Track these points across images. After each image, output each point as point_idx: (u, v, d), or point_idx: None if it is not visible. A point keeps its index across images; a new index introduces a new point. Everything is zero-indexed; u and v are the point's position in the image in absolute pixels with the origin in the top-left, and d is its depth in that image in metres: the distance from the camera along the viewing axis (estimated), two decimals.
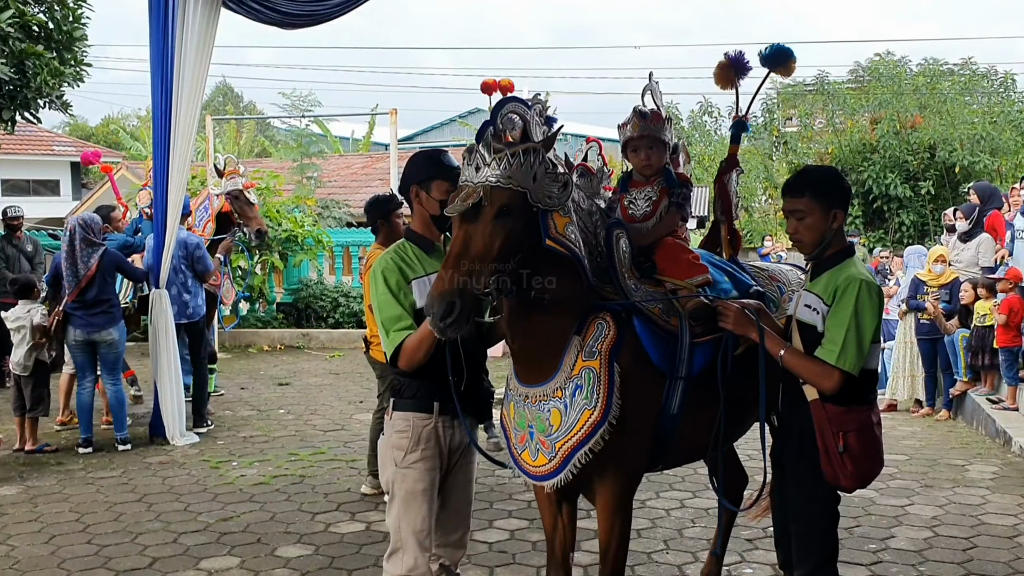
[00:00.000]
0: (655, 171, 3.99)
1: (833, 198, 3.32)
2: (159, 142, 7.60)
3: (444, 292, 3.07)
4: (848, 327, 3.16)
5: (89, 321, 7.58)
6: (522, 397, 3.51)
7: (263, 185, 13.73)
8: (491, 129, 3.27)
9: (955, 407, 9.41)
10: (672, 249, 3.86)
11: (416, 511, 3.53)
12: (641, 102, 4.08)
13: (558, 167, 3.29)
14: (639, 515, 5.94)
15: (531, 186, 3.18)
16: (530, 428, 3.48)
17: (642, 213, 3.97)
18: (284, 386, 10.71)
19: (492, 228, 3.14)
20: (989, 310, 8.78)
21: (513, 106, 3.38)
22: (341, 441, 8.02)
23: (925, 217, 20.96)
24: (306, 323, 14.42)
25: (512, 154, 3.17)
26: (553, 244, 3.24)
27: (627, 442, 3.43)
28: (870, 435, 3.27)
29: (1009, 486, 6.71)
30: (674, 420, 3.56)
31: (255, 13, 7.59)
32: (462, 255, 3.13)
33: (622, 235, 3.64)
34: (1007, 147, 20.69)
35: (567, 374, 3.39)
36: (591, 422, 3.33)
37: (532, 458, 3.48)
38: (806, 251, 3.41)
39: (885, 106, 21.99)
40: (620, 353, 3.43)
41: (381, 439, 3.77)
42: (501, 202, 3.15)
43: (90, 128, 43.39)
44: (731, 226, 4.33)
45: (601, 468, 3.42)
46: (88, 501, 6.35)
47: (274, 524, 5.86)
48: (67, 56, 9.48)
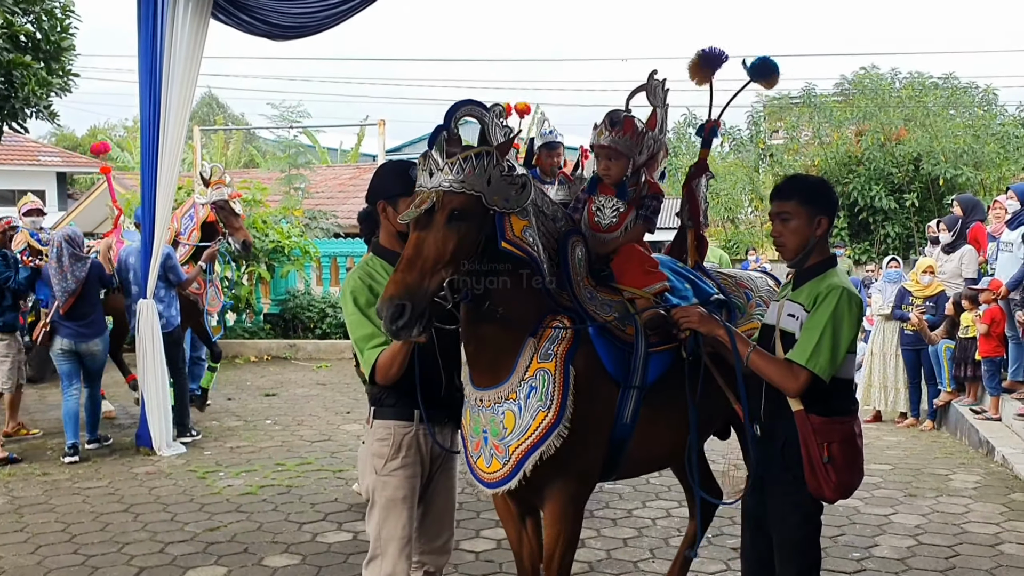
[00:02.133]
0: (614, 181, 3.95)
1: (819, 204, 3.34)
2: (147, 152, 7.60)
3: (393, 295, 3.06)
4: (823, 331, 3.18)
5: (77, 331, 7.85)
6: (476, 401, 3.48)
7: (249, 196, 13.73)
8: (444, 133, 3.25)
9: (939, 417, 9.48)
10: (630, 256, 3.83)
11: (396, 518, 3.54)
12: (626, 105, 4.03)
13: (516, 169, 3.27)
14: (625, 524, 5.99)
15: (485, 189, 3.16)
16: (484, 433, 3.44)
17: (608, 223, 3.93)
18: (271, 397, 10.70)
19: (445, 232, 3.13)
20: (972, 321, 8.86)
21: (468, 109, 3.37)
22: (328, 451, 8.02)
23: (910, 229, 21.12)
24: (293, 334, 14.42)
25: (465, 158, 3.15)
26: (509, 247, 3.23)
27: (580, 448, 3.41)
28: (853, 446, 3.29)
29: (991, 495, 6.77)
30: (627, 429, 3.54)
31: (245, 25, 7.61)
32: (414, 259, 3.12)
33: (578, 243, 3.62)
34: (990, 160, 20.88)
35: (521, 376, 3.37)
36: (545, 424, 3.31)
37: (486, 464, 3.44)
38: (788, 256, 3.43)
39: (870, 119, 22.17)
40: (576, 357, 3.41)
41: (361, 447, 3.78)
42: (453, 206, 3.13)
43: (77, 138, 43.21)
44: (698, 232, 4.30)
45: (552, 473, 3.39)
46: (74, 511, 6.33)
47: (261, 534, 5.86)
48: (54, 66, 9.45)
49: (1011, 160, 21.19)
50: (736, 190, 24.90)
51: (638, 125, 3.95)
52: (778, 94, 25.55)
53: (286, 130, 19.47)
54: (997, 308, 8.49)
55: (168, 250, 8.25)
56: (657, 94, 4.11)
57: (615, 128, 3.88)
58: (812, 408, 3.22)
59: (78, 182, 35.73)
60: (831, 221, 3.38)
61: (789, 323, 3.32)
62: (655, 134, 4.03)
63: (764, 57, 4.14)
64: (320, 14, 7.26)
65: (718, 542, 5.54)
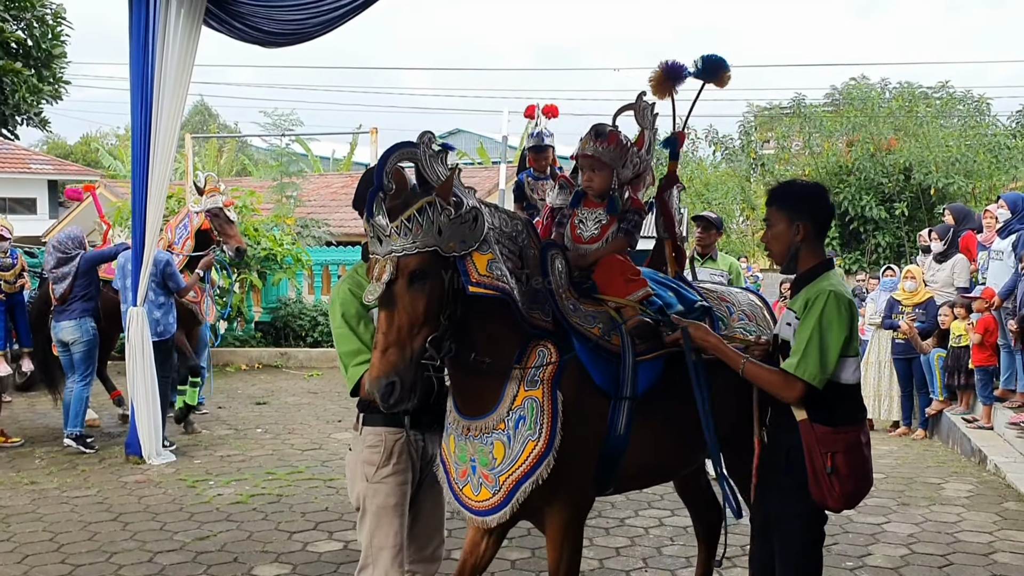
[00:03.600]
0: (597, 193, 3.92)
1: (798, 210, 3.32)
2: (138, 160, 7.55)
3: (379, 377, 3.03)
4: (810, 337, 3.16)
5: (57, 321, 8.35)
6: (463, 430, 3.42)
7: (241, 203, 13.70)
8: (380, 194, 3.14)
9: (931, 426, 9.48)
10: (611, 266, 3.80)
11: (387, 526, 3.51)
12: (612, 121, 4.02)
13: (464, 204, 3.18)
14: (618, 533, 5.96)
15: (438, 241, 3.09)
16: (472, 462, 3.39)
17: (589, 235, 3.91)
18: (262, 405, 10.65)
19: (411, 297, 3.07)
20: (964, 330, 8.87)
21: (399, 155, 3.24)
22: (319, 460, 7.98)
23: (900, 239, 21.18)
24: (284, 342, 14.37)
25: (409, 218, 3.08)
26: (477, 289, 3.15)
27: (573, 469, 3.38)
28: (858, 456, 3.25)
29: (984, 504, 6.76)
30: (621, 441, 3.50)
31: (237, 32, 7.59)
32: (389, 333, 3.07)
33: (557, 255, 3.58)
34: (981, 170, 20.96)
35: (509, 406, 3.33)
36: (536, 453, 3.27)
37: (474, 492, 3.40)
38: (776, 261, 3.45)
39: (860, 129, 22.25)
40: (562, 380, 3.37)
41: (349, 455, 3.74)
42: (411, 269, 3.07)
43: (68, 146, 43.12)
44: (675, 243, 4.28)
45: (548, 497, 3.36)
46: (62, 520, 6.27)
47: (251, 543, 5.82)
48: (45, 73, 9.45)
49: (1002, 170, 21.29)
50: (728, 199, 24.97)
51: (623, 139, 3.93)
52: (769, 104, 25.73)
53: (278, 138, 19.45)
54: (990, 317, 8.50)
55: (167, 257, 8.25)
56: (645, 116, 4.10)
57: (600, 139, 3.86)
58: (816, 417, 3.19)
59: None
60: (815, 227, 3.35)
61: (786, 331, 3.32)
62: (642, 154, 4.00)
63: (710, 55, 4.11)
64: (312, 20, 7.23)
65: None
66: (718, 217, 7.45)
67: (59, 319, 8.32)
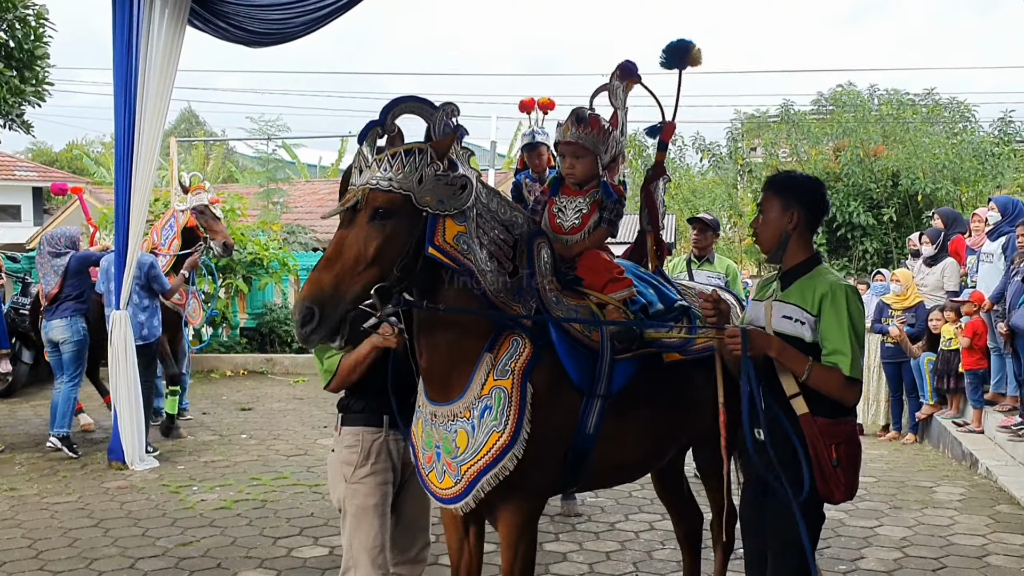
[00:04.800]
0: (579, 180, 3.81)
1: (793, 197, 3.27)
2: (122, 160, 7.46)
3: (304, 298, 2.92)
4: (849, 336, 3.11)
5: (47, 320, 8.30)
6: (430, 415, 3.34)
7: (228, 207, 13.59)
8: (378, 129, 3.10)
9: (921, 430, 9.45)
10: (595, 262, 3.70)
11: (368, 527, 3.45)
12: (589, 104, 3.92)
13: (458, 168, 3.11)
14: (608, 537, 5.90)
15: (415, 188, 3.00)
16: (437, 448, 3.31)
17: (570, 225, 3.80)
18: (247, 411, 10.52)
19: (368, 231, 2.98)
20: (954, 334, 8.84)
21: (410, 105, 3.19)
22: (304, 466, 7.87)
23: (888, 244, 21.19)
24: (270, 348, 14.24)
25: (393, 155, 3.01)
26: (435, 252, 3.05)
27: (535, 466, 3.27)
28: (855, 447, 3.24)
29: (976, 507, 6.71)
30: (591, 439, 3.41)
31: (221, 31, 7.51)
32: (332, 259, 2.97)
33: (543, 244, 3.47)
34: (968, 176, 21.02)
35: (476, 393, 3.23)
36: (499, 445, 3.16)
37: (438, 480, 3.30)
38: (764, 250, 3.37)
39: (848, 135, 22.28)
40: (534, 372, 3.27)
41: (330, 456, 3.68)
42: (377, 204, 2.98)
43: (54, 153, 42.80)
44: (657, 236, 4.19)
45: (506, 492, 3.25)
46: (42, 527, 6.15)
47: (235, 549, 5.71)
48: (28, 75, 9.30)
49: (988, 177, 21.35)
50: (715, 206, 24.96)
51: (604, 123, 3.83)
52: (756, 112, 25.77)
53: (265, 144, 19.35)
54: (980, 320, 8.47)
55: (151, 259, 8.17)
56: (618, 95, 3.99)
57: (581, 124, 3.76)
58: (818, 411, 3.14)
59: (54, 197, 35.38)
60: (808, 217, 3.29)
61: (786, 325, 3.22)
62: (617, 135, 3.91)
63: (669, 43, 4.04)
64: (296, 20, 7.16)
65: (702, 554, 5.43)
66: (714, 219, 7.40)
67: (49, 318, 8.28)
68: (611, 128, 3.86)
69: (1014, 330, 7.54)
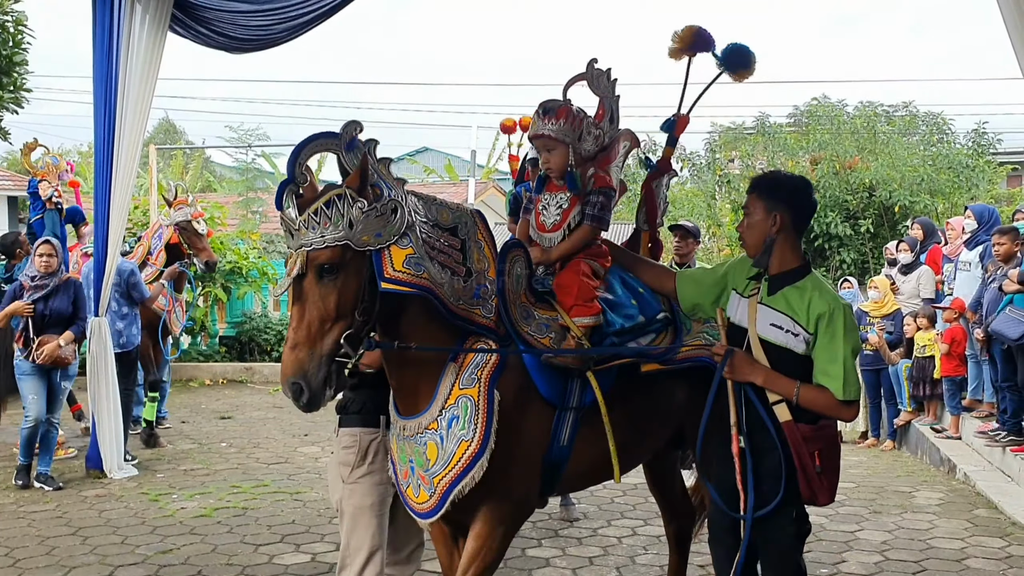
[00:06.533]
0: (558, 174, 3.69)
1: (777, 199, 3.23)
2: (101, 167, 7.40)
3: (287, 376, 2.98)
4: (845, 358, 3.12)
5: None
6: (400, 430, 3.33)
7: (208, 215, 13.53)
8: (292, 186, 3.06)
9: (899, 437, 9.52)
10: (569, 279, 3.56)
11: (365, 527, 3.45)
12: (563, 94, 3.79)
13: (383, 192, 3.07)
14: (591, 543, 5.90)
15: (349, 234, 2.99)
16: (411, 463, 3.29)
17: (552, 222, 3.68)
18: (226, 420, 10.45)
19: (321, 291, 2.99)
20: (929, 341, 8.92)
21: (314, 146, 3.15)
22: (285, 474, 7.82)
23: (865, 255, 21.37)
24: (249, 357, 14.15)
25: (315, 211, 2.99)
26: (390, 286, 3.04)
27: (509, 474, 3.24)
28: (836, 448, 3.25)
29: (955, 511, 6.77)
30: (565, 451, 3.39)
31: (203, 37, 7.47)
32: (298, 330, 3.00)
33: (518, 257, 3.42)
34: (943, 188, 21.26)
35: (442, 404, 3.21)
36: (468, 454, 3.14)
37: (415, 495, 3.30)
38: (750, 253, 3.33)
39: (824, 147, 22.48)
40: (501, 380, 3.25)
41: (330, 458, 3.69)
42: (320, 262, 2.98)
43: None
44: (654, 234, 4.09)
45: (482, 498, 3.22)
46: (19, 535, 6.08)
47: (215, 556, 5.67)
48: (6, 81, 9.26)
49: (963, 189, 21.59)
50: (694, 216, 25.09)
51: (575, 111, 3.68)
52: (732, 124, 25.95)
53: (244, 153, 19.28)
54: (959, 327, 8.55)
55: (132, 266, 8.10)
56: (600, 83, 3.84)
57: (548, 116, 3.64)
58: (800, 417, 3.15)
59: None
60: (793, 219, 3.25)
61: (774, 334, 3.21)
62: (603, 125, 3.77)
63: (737, 44, 3.92)
64: (277, 27, 7.14)
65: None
66: (695, 226, 7.41)
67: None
68: (586, 116, 3.71)
69: (992, 335, 7.61)
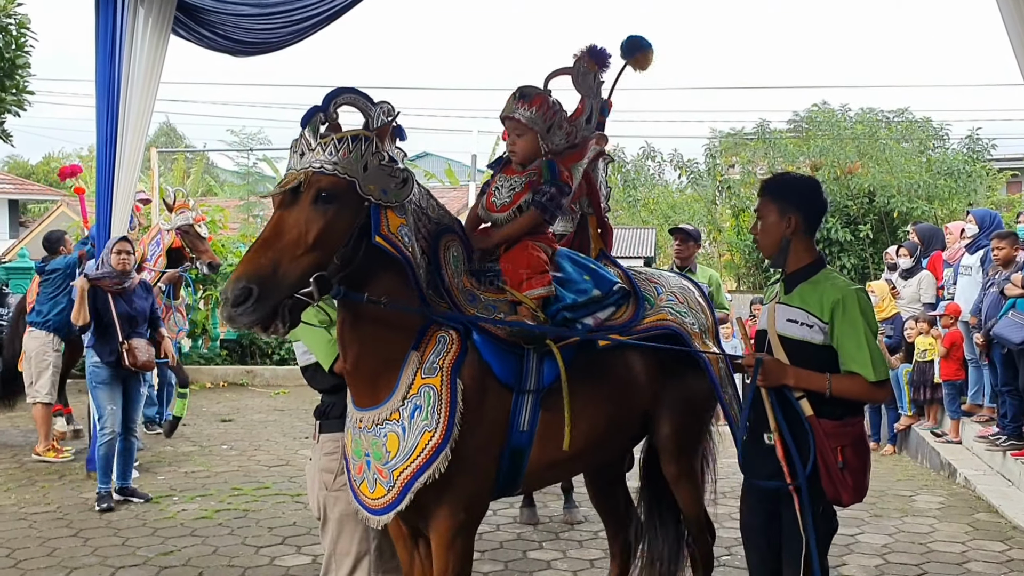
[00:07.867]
0: (521, 159, 3.67)
1: (789, 201, 3.27)
2: (104, 170, 7.41)
3: (240, 276, 2.77)
4: (868, 339, 3.14)
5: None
6: (356, 423, 3.19)
7: (209, 219, 13.54)
8: (320, 115, 3.02)
9: (900, 441, 9.52)
10: (518, 255, 3.55)
11: (350, 533, 3.40)
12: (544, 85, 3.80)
13: (397, 162, 3.06)
14: (591, 546, 5.90)
15: (360, 175, 2.92)
16: (366, 456, 3.15)
17: (501, 203, 3.64)
18: (227, 422, 10.45)
19: (309, 214, 2.87)
20: (929, 345, 8.93)
21: (351, 97, 3.11)
22: (286, 476, 7.82)
23: (865, 260, 21.41)
24: (250, 360, 14.15)
25: (340, 139, 2.94)
26: (382, 241, 2.97)
27: (470, 467, 3.15)
28: (864, 447, 3.25)
29: (956, 515, 6.77)
30: (525, 437, 3.30)
31: (206, 40, 7.50)
32: (271, 240, 2.85)
33: (453, 241, 3.35)
34: (941, 194, 21.31)
35: (404, 394, 3.09)
36: (431, 445, 3.03)
37: (370, 490, 3.15)
38: (765, 254, 3.39)
39: (824, 153, 22.54)
40: (463, 369, 3.16)
41: (308, 464, 3.64)
42: (321, 186, 2.88)
43: (30, 166, 42.40)
44: (600, 218, 4.11)
45: (439, 495, 3.12)
46: (20, 536, 6.08)
47: (216, 558, 5.67)
48: (8, 83, 9.27)
49: (961, 195, 21.63)
50: (694, 221, 25.13)
51: (551, 102, 3.68)
52: (733, 130, 26.00)
53: (245, 157, 19.32)
54: (957, 331, 8.55)
55: None
56: (585, 82, 3.87)
57: (523, 101, 3.63)
58: (823, 412, 3.14)
59: (31, 210, 35.08)
60: (806, 220, 3.29)
61: (792, 329, 3.23)
62: (579, 123, 3.79)
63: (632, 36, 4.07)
64: (282, 30, 7.17)
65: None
66: (696, 229, 7.43)
67: None
68: (560, 109, 3.71)
69: (993, 339, 7.61)
